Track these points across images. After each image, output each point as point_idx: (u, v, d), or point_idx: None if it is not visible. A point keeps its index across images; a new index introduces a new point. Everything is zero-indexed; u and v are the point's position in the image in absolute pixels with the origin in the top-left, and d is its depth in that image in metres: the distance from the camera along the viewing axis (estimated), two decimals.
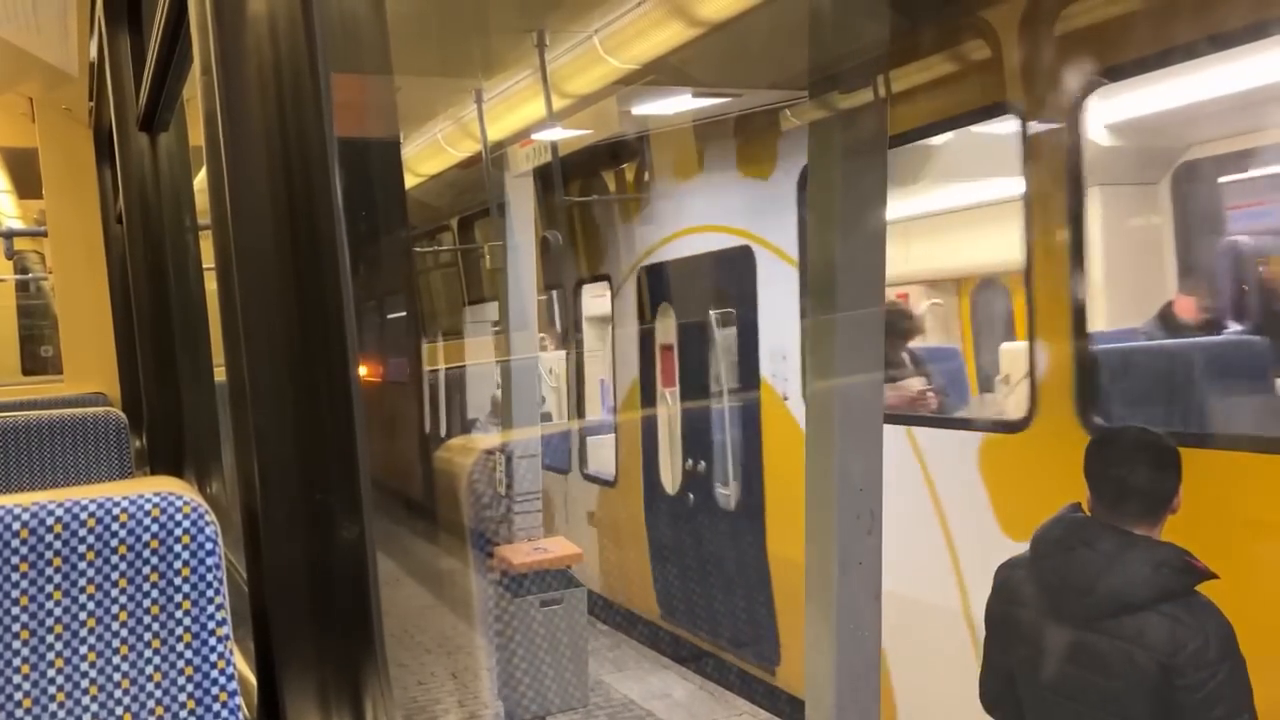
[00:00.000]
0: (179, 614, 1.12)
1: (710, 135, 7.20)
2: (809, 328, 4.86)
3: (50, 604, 1.08)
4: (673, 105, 6.74)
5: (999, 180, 5.69)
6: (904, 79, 4.96)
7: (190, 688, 1.12)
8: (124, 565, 1.10)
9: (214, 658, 1.13)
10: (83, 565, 1.09)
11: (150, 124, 2.82)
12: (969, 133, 5.50)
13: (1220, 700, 2.68)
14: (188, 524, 1.12)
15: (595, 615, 8.20)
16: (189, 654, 1.12)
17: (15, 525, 1.06)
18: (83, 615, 1.09)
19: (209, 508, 1.15)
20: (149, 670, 1.11)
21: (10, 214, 9.35)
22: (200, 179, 2.80)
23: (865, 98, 3.74)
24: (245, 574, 1.33)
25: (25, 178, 7.66)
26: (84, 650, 1.09)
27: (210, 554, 1.12)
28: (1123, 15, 4.11)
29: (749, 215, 6.92)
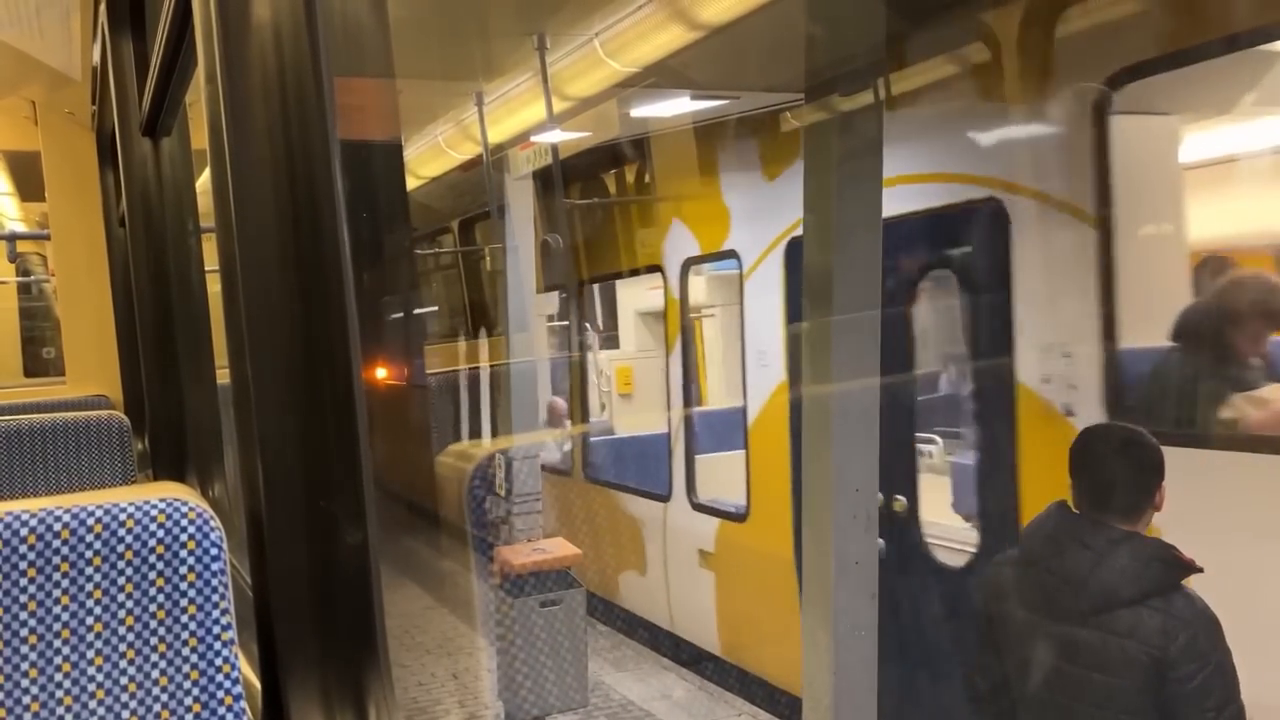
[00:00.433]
0: (184, 618, 1.13)
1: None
2: (805, 331, 4.17)
3: (57, 609, 1.09)
4: (672, 108, 6.76)
5: None
6: None
7: (196, 691, 1.13)
8: (130, 570, 1.11)
9: (219, 661, 1.14)
10: (89, 570, 1.10)
11: (153, 128, 2.82)
12: None
13: (1212, 691, 2.71)
14: (193, 529, 1.13)
15: (725, 685, 6.81)
16: (194, 658, 1.13)
17: (23, 531, 1.07)
18: (89, 620, 1.10)
19: (214, 513, 1.16)
20: (155, 674, 1.12)
21: (13, 217, 9.36)
22: (202, 182, 2.81)
23: (862, 101, 3.75)
24: (249, 578, 1.33)
25: (28, 180, 7.67)
26: (91, 655, 1.10)
27: (215, 559, 1.13)
28: None
29: (998, 156, 4.81)
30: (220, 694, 1.13)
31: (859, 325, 3.74)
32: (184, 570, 1.12)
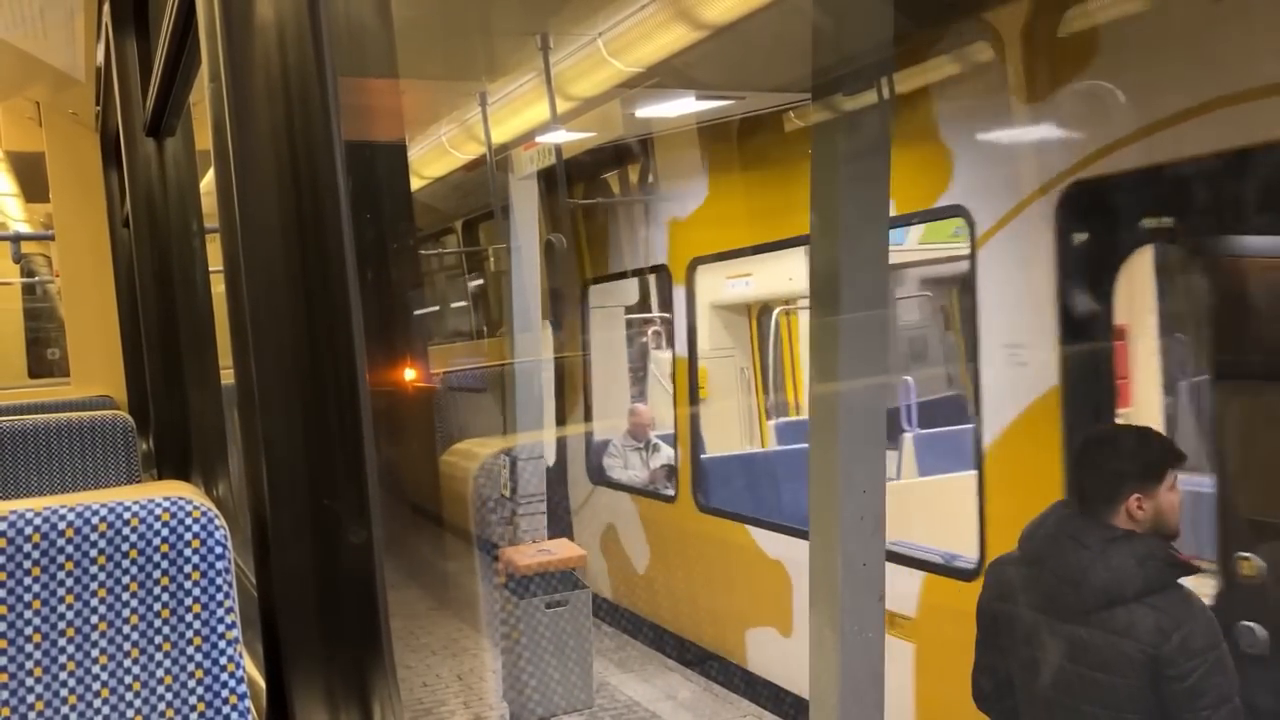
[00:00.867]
0: (189, 617, 1.13)
1: None
2: (811, 330, 4.01)
3: (62, 607, 1.09)
4: (676, 108, 6.76)
5: None
6: None
7: (200, 690, 1.12)
8: (135, 569, 1.11)
9: (224, 660, 1.14)
10: (94, 569, 1.09)
11: (157, 129, 2.83)
12: None
13: (1207, 689, 2.71)
14: (197, 528, 1.13)
15: None
16: (199, 657, 1.13)
17: (27, 530, 1.07)
18: (94, 619, 1.10)
19: (218, 512, 1.16)
20: (160, 673, 1.12)
21: (17, 217, 9.38)
22: (206, 183, 2.81)
23: (869, 100, 3.74)
24: (254, 578, 1.33)
25: (32, 181, 7.68)
26: (95, 653, 1.10)
27: (220, 558, 1.13)
28: None
29: None
30: (225, 693, 1.13)
31: (867, 324, 3.74)
32: (188, 569, 1.12)
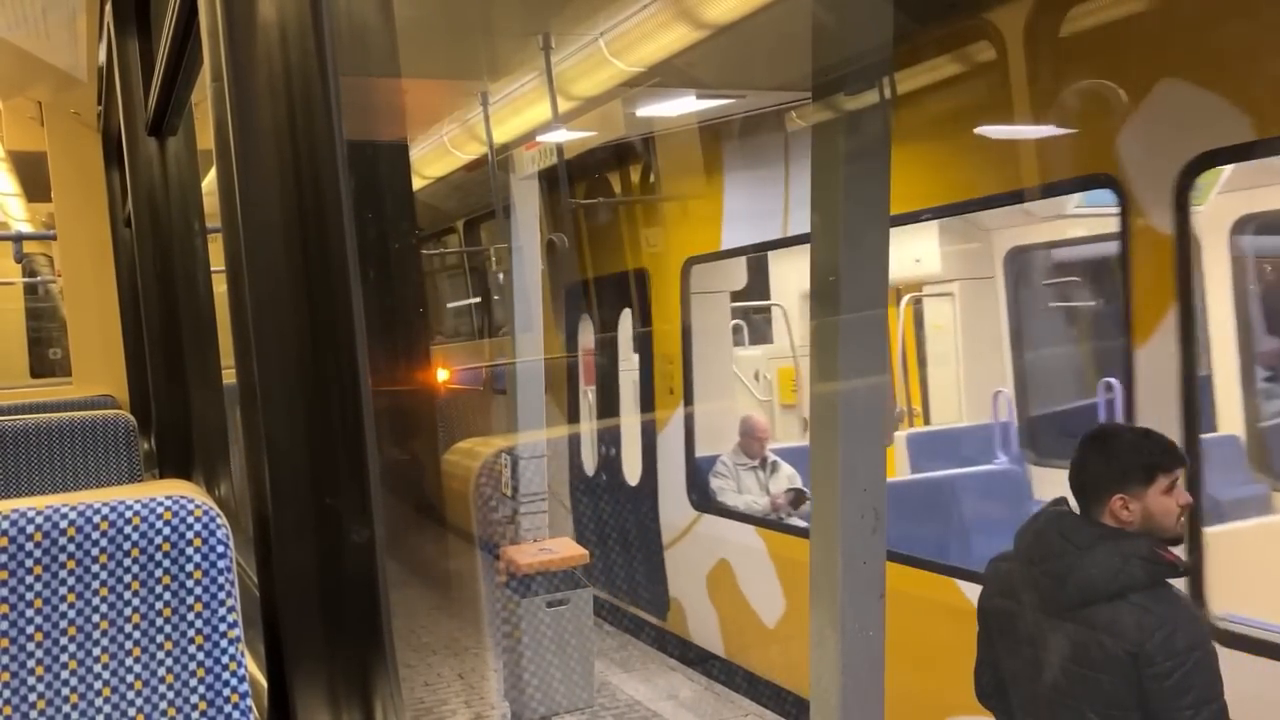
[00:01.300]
0: (191, 616, 1.13)
1: None
2: (812, 330, 4.01)
3: (64, 606, 1.09)
4: (677, 107, 6.76)
5: None
6: None
7: (202, 689, 1.13)
8: (136, 568, 1.11)
9: (225, 659, 1.14)
10: (96, 568, 1.10)
11: (159, 128, 2.83)
12: None
13: (1189, 689, 2.71)
14: (199, 527, 1.13)
15: None
16: (201, 656, 1.13)
17: (29, 529, 1.07)
18: (96, 617, 1.10)
19: (220, 511, 1.16)
20: (161, 672, 1.12)
21: (19, 217, 9.38)
22: (208, 182, 2.81)
23: (869, 100, 3.74)
24: (255, 577, 1.34)
25: (34, 181, 7.68)
26: (97, 652, 1.10)
27: (222, 557, 1.14)
28: None
29: None
30: (226, 692, 1.13)
31: (867, 324, 3.74)
32: (190, 568, 1.12)
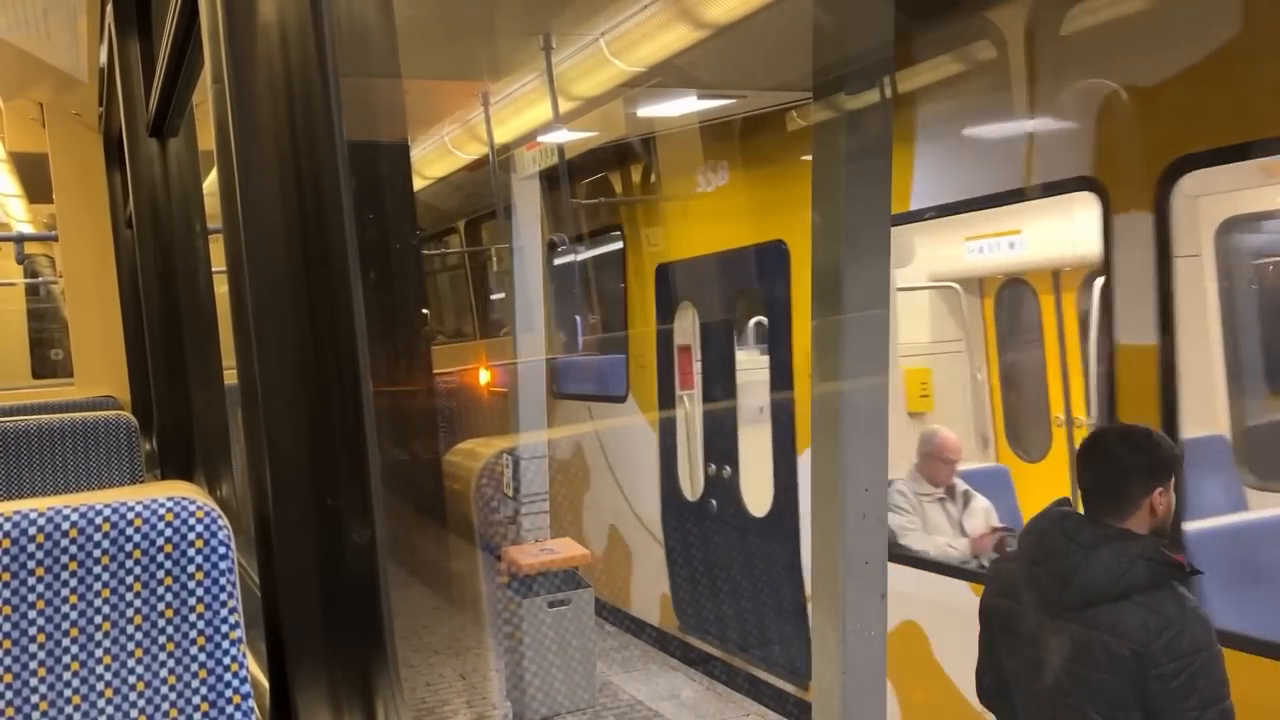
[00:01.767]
0: (193, 617, 1.13)
1: None
2: (814, 330, 4.03)
3: (65, 608, 1.09)
4: (678, 107, 6.75)
5: None
6: None
7: (204, 690, 1.13)
8: (138, 569, 1.11)
9: (227, 660, 1.14)
10: (97, 569, 1.10)
11: (160, 129, 2.83)
12: None
13: (1194, 690, 2.71)
14: (201, 528, 1.13)
15: None
16: (203, 657, 1.13)
17: (31, 530, 1.08)
18: (98, 619, 1.10)
19: (221, 512, 1.16)
20: (163, 673, 1.12)
21: (20, 218, 9.39)
22: (209, 183, 2.81)
23: (870, 99, 3.74)
24: (257, 577, 1.34)
25: (35, 182, 7.69)
26: (99, 653, 1.10)
27: (223, 558, 1.14)
28: None
29: None
30: (228, 693, 1.13)
31: (868, 323, 3.74)
32: (192, 569, 1.12)
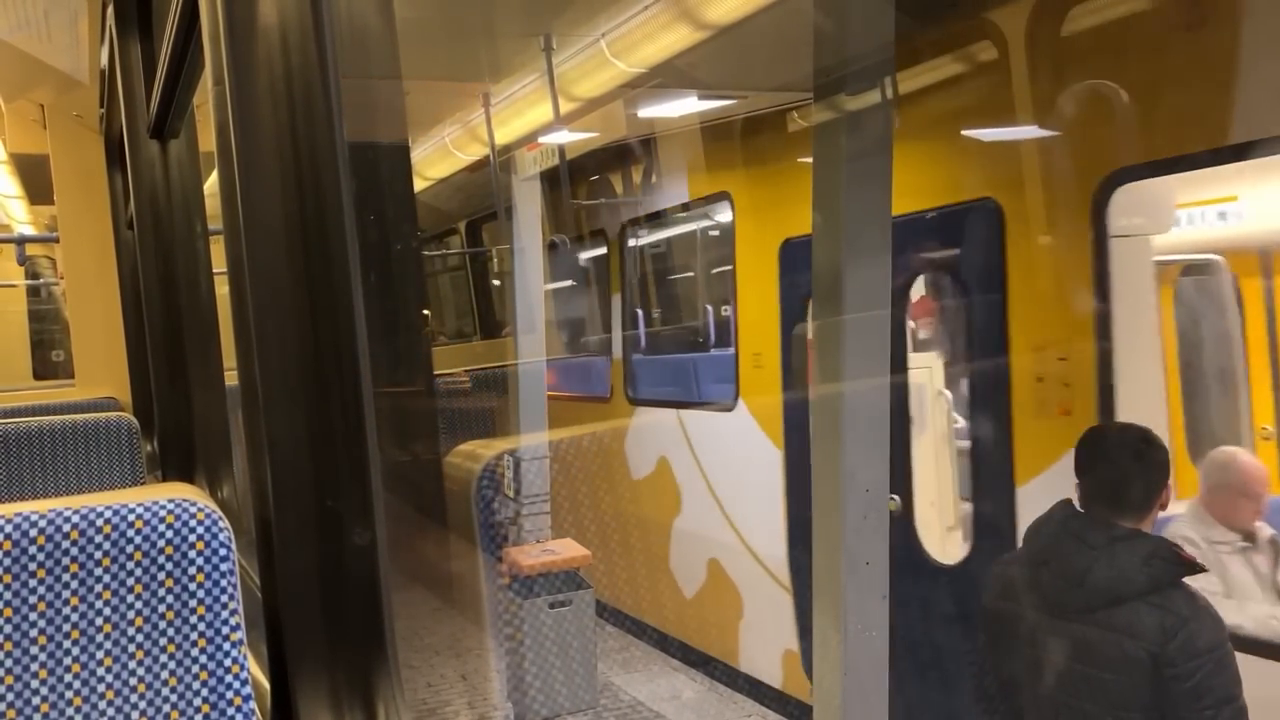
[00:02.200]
0: (193, 619, 1.13)
1: None
2: (814, 330, 4.22)
3: (67, 609, 1.09)
4: (679, 108, 6.75)
5: None
6: None
7: (205, 692, 1.13)
8: (139, 571, 1.11)
9: (228, 662, 1.14)
10: (99, 571, 1.10)
11: (161, 130, 2.83)
12: None
13: (1209, 690, 2.71)
14: (202, 530, 1.13)
15: None
16: (203, 658, 1.13)
17: (32, 532, 1.08)
18: (99, 621, 1.10)
19: (222, 514, 1.16)
20: (164, 674, 1.12)
21: (22, 220, 9.39)
22: (210, 184, 2.81)
23: (871, 99, 3.73)
24: (258, 579, 1.33)
25: (37, 183, 7.68)
26: (100, 655, 1.10)
27: (224, 559, 1.14)
28: None
29: None
30: (229, 694, 1.13)
31: (869, 324, 3.73)
32: (193, 571, 1.12)
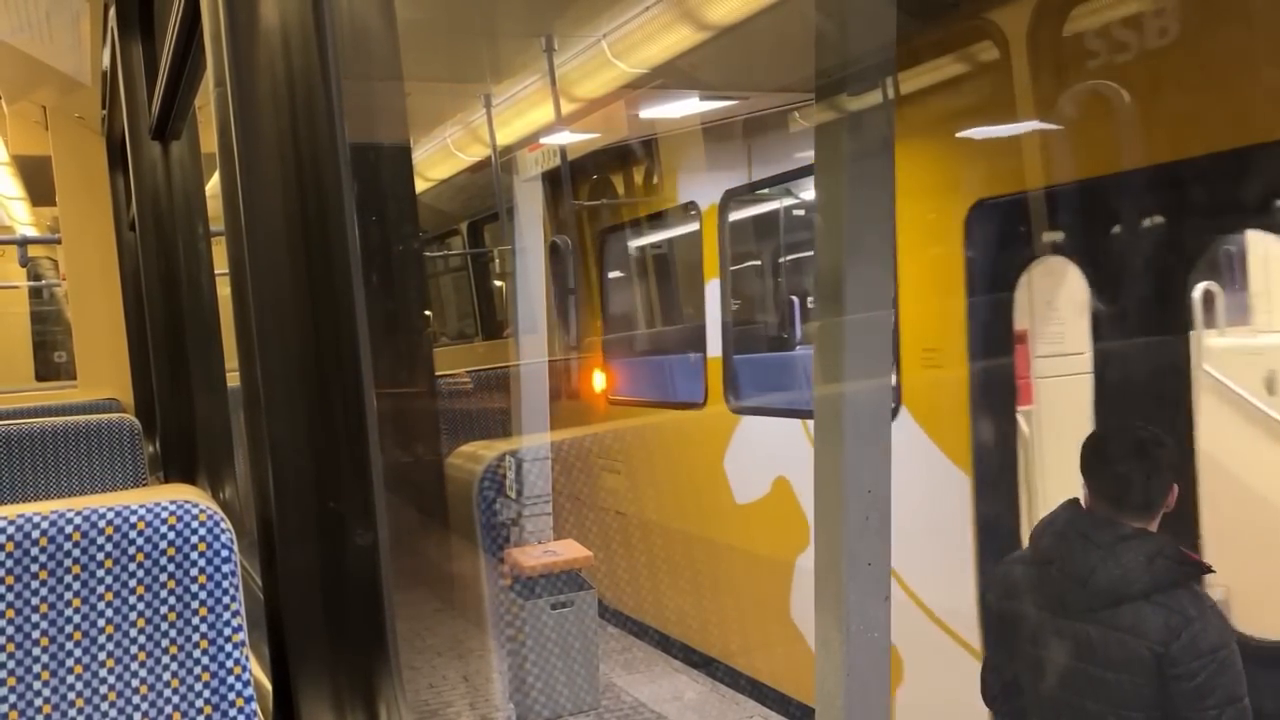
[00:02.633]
0: (195, 620, 1.13)
1: None
2: (815, 331, 4.29)
3: (69, 611, 1.09)
4: (680, 108, 6.76)
5: None
6: None
7: (207, 693, 1.13)
8: (141, 572, 1.11)
9: (230, 663, 1.14)
10: (101, 573, 1.10)
11: (163, 132, 2.84)
12: None
13: (1213, 690, 2.71)
14: (204, 531, 1.13)
15: None
16: (205, 660, 1.13)
17: (34, 534, 1.08)
18: (101, 622, 1.10)
19: (224, 515, 1.16)
20: (166, 676, 1.12)
21: (24, 221, 9.40)
22: (212, 186, 2.81)
23: (872, 100, 3.73)
24: (260, 580, 1.33)
25: (39, 185, 7.68)
26: (102, 656, 1.10)
27: (226, 561, 1.14)
28: None
29: None
30: (231, 695, 1.13)
31: (871, 325, 3.73)
32: (195, 572, 1.12)
